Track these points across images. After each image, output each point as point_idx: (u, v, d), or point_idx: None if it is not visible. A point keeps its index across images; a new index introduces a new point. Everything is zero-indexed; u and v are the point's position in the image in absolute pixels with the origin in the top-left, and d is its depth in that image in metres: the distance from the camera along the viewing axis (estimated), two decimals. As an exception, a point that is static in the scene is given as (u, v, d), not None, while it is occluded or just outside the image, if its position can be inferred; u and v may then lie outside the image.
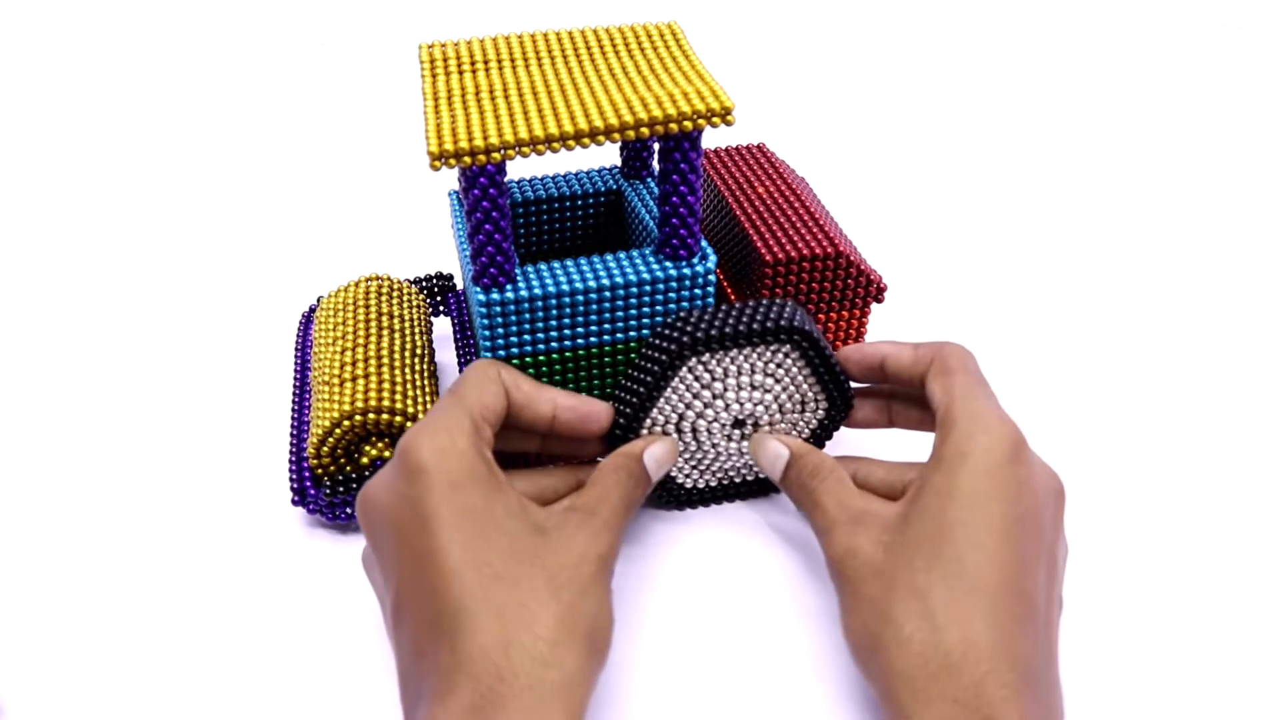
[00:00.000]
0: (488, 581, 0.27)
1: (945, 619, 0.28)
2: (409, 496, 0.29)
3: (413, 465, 0.29)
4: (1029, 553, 0.29)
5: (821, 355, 0.36)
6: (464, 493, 0.29)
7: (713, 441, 0.38)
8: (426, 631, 0.27)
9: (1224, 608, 0.36)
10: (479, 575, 0.27)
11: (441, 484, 0.29)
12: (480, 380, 0.33)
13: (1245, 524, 0.40)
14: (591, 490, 0.33)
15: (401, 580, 0.29)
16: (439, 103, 0.35)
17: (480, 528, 0.28)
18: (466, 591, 0.27)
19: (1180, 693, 0.33)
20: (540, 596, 0.27)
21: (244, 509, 0.41)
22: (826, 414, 0.38)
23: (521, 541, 0.29)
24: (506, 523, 0.29)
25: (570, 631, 0.27)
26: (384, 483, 0.30)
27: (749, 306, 0.36)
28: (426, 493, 0.28)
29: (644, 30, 0.39)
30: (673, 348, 0.35)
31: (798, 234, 0.40)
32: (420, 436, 0.29)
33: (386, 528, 0.29)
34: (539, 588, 0.28)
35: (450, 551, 0.28)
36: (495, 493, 0.29)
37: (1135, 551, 0.39)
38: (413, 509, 0.29)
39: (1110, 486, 0.42)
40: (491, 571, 0.28)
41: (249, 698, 0.34)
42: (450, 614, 0.27)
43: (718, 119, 0.34)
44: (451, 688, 0.26)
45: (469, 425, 0.30)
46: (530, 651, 0.26)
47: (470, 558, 0.28)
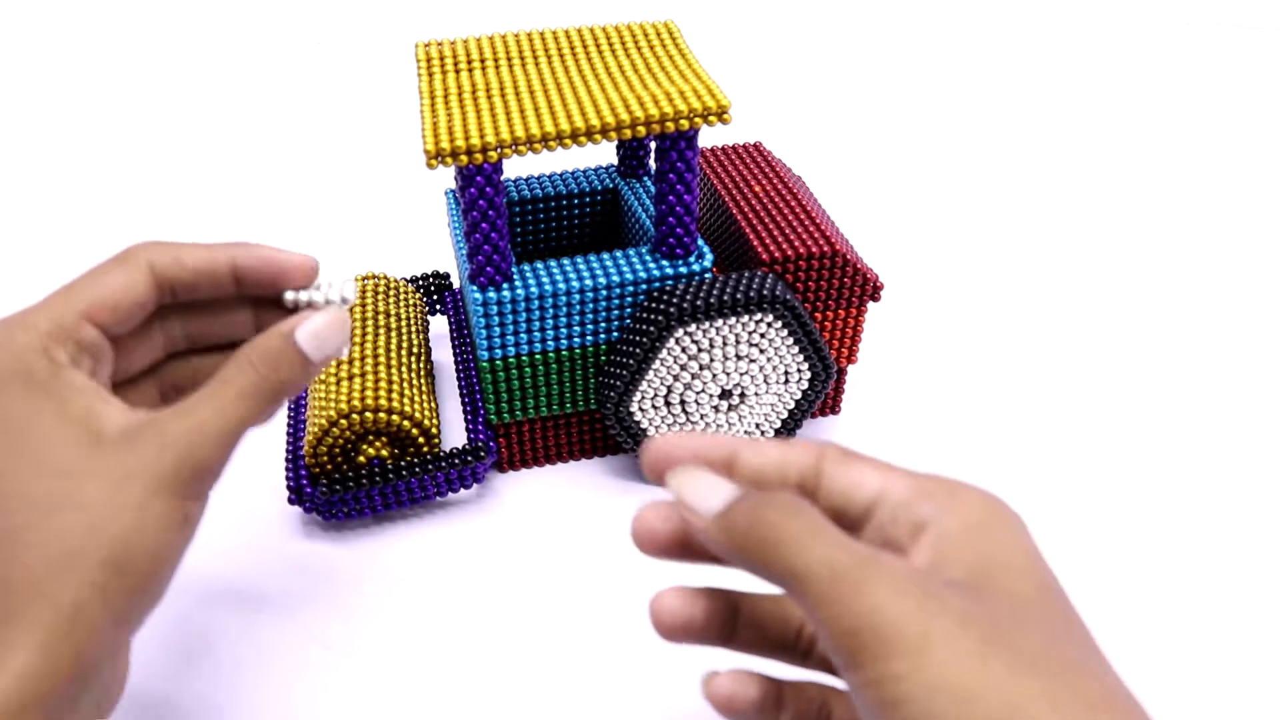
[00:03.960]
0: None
1: None
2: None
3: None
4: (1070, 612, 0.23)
5: (803, 326, 0.38)
6: (5, 397, 0.26)
7: (701, 413, 0.39)
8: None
9: (1225, 608, 0.36)
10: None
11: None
12: (100, 270, 0.28)
13: (1245, 523, 0.40)
14: (207, 385, 0.28)
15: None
16: (436, 101, 0.35)
17: (14, 437, 0.25)
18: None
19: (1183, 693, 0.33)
20: (51, 517, 0.24)
21: (241, 508, 0.41)
22: (810, 385, 0.40)
23: (60, 454, 0.25)
24: (51, 432, 0.26)
25: (74, 556, 0.24)
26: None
27: (732, 278, 0.37)
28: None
29: (640, 29, 0.39)
30: (660, 319, 0.36)
31: (794, 233, 0.40)
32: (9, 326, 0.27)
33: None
34: (53, 509, 0.25)
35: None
36: (48, 398, 0.26)
37: (1134, 550, 0.39)
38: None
39: (1109, 485, 0.42)
40: (6, 487, 0.25)
41: (246, 697, 0.34)
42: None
43: (714, 118, 0.34)
44: None
45: (45, 323, 0.27)
46: (15, 580, 0.24)
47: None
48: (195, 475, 0.26)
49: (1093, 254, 0.58)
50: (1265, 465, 0.43)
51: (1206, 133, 0.73)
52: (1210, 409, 0.46)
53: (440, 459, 0.38)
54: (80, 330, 0.27)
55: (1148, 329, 0.51)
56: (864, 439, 0.44)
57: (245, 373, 0.28)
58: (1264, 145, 0.71)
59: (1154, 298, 0.54)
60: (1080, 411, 0.46)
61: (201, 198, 0.65)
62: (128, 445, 0.26)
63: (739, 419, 0.40)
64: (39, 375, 0.26)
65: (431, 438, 0.39)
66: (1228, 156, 0.69)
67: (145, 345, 0.30)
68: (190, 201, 0.65)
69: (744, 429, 0.40)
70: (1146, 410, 0.46)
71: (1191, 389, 0.47)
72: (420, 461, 0.38)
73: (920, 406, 0.46)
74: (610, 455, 0.43)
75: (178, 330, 0.31)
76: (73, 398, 0.26)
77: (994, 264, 0.57)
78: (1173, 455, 0.43)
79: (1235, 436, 0.44)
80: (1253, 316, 0.52)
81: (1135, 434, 0.44)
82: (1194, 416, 0.45)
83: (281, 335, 0.28)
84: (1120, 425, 0.45)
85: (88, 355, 0.28)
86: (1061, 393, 0.47)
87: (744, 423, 0.40)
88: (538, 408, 0.40)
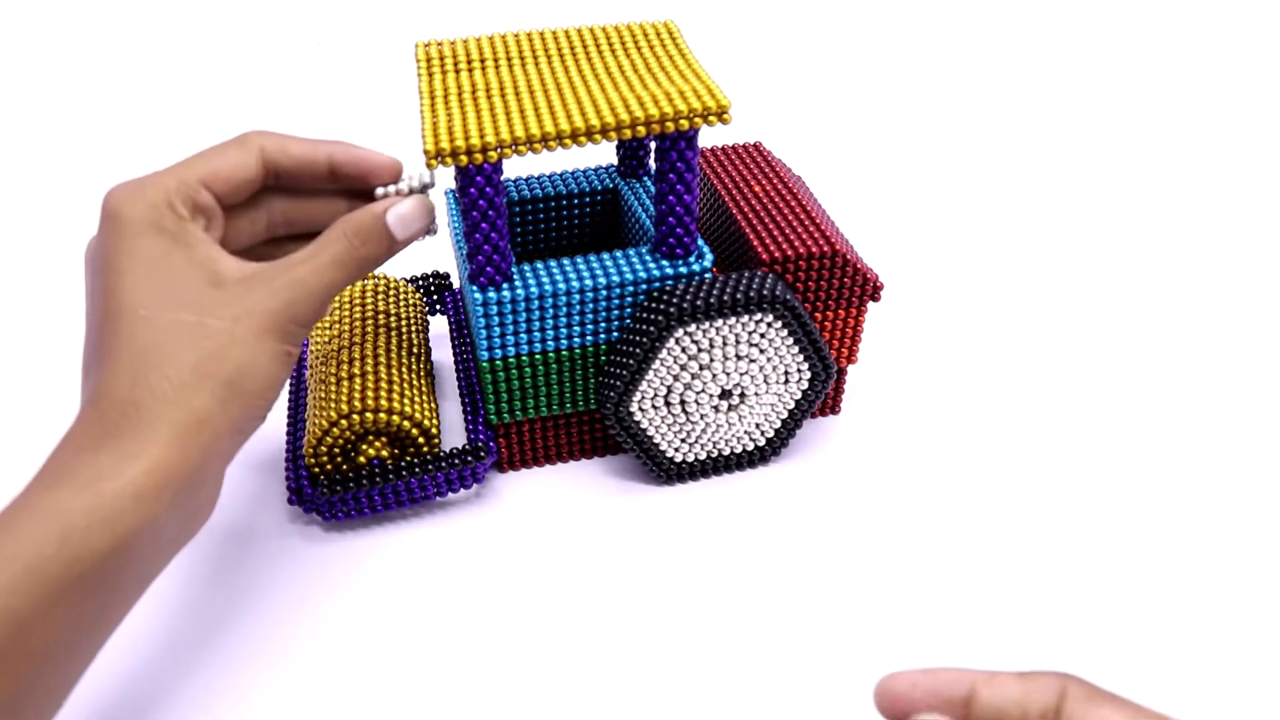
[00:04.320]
0: (138, 323, 0.29)
1: None
2: (99, 241, 0.31)
3: (104, 212, 0.31)
4: None
5: (803, 326, 0.38)
6: (143, 240, 0.30)
7: (701, 413, 0.39)
8: (85, 365, 0.30)
9: (1226, 609, 0.36)
10: (131, 317, 0.29)
11: (123, 230, 0.30)
12: (219, 147, 0.33)
13: (1248, 528, 0.40)
14: (307, 247, 0.32)
15: (87, 318, 0.31)
16: (436, 101, 0.35)
17: (152, 273, 0.30)
18: (116, 330, 0.29)
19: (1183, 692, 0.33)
20: (183, 341, 0.29)
21: (241, 508, 0.41)
22: (810, 385, 0.40)
23: (190, 291, 0.30)
24: (182, 271, 0.30)
25: (203, 376, 0.29)
26: (96, 232, 0.32)
27: (732, 278, 0.37)
28: (109, 237, 0.30)
29: (640, 29, 0.39)
30: (660, 319, 0.36)
31: (794, 233, 0.40)
32: (117, 188, 0.31)
33: (86, 270, 0.32)
34: (184, 334, 0.29)
35: (114, 293, 0.30)
36: (177, 243, 0.30)
37: (1134, 550, 0.39)
38: (99, 252, 0.31)
39: (1109, 486, 0.42)
40: (145, 314, 0.29)
41: (245, 697, 0.34)
42: (99, 349, 0.29)
43: (714, 118, 0.34)
44: (82, 416, 0.28)
45: (172, 182, 0.31)
46: (155, 389, 0.28)
47: (129, 300, 0.29)
48: (294, 321, 0.31)
49: (1093, 254, 0.58)
50: (1267, 466, 0.43)
51: (1206, 133, 0.73)
52: (1211, 408, 0.46)
53: (440, 459, 0.38)
54: (199, 193, 0.32)
55: (1148, 328, 0.51)
56: (864, 439, 0.44)
57: (339, 242, 0.32)
58: (1264, 145, 0.71)
59: (1154, 297, 0.54)
60: (1081, 411, 0.46)
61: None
62: (243, 289, 0.30)
63: (739, 419, 0.40)
64: (167, 224, 0.31)
65: (431, 438, 0.39)
66: (1228, 156, 0.69)
67: (249, 222, 0.35)
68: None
69: (744, 429, 0.40)
70: (1147, 410, 0.46)
71: (1192, 387, 0.47)
72: (420, 461, 0.38)
73: (920, 406, 0.46)
74: (610, 455, 0.43)
75: (279, 213, 0.35)
76: (197, 245, 0.31)
77: (994, 264, 0.57)
78: (1173, 452, 0.43)
79: (1236, 438, 0.44)
80: (1253, 316, 0.52)
81: (1135, 434, 0.44)
82: (1195, 414, 0.45)
83: (373, 214, 0.33)
84: (1120, 425, 0.45)
85: (203, 215, 0.32)
86: (1062, 393, 0.47)
87: (744, 422, 0.40)
88: (538, 408, 0.40)
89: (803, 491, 0.41)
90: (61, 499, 0.26)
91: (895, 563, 0.38)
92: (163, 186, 0.31)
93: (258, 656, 0.35)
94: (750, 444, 0.41)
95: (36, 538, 0.25)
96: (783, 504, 0.41)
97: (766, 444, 0.41)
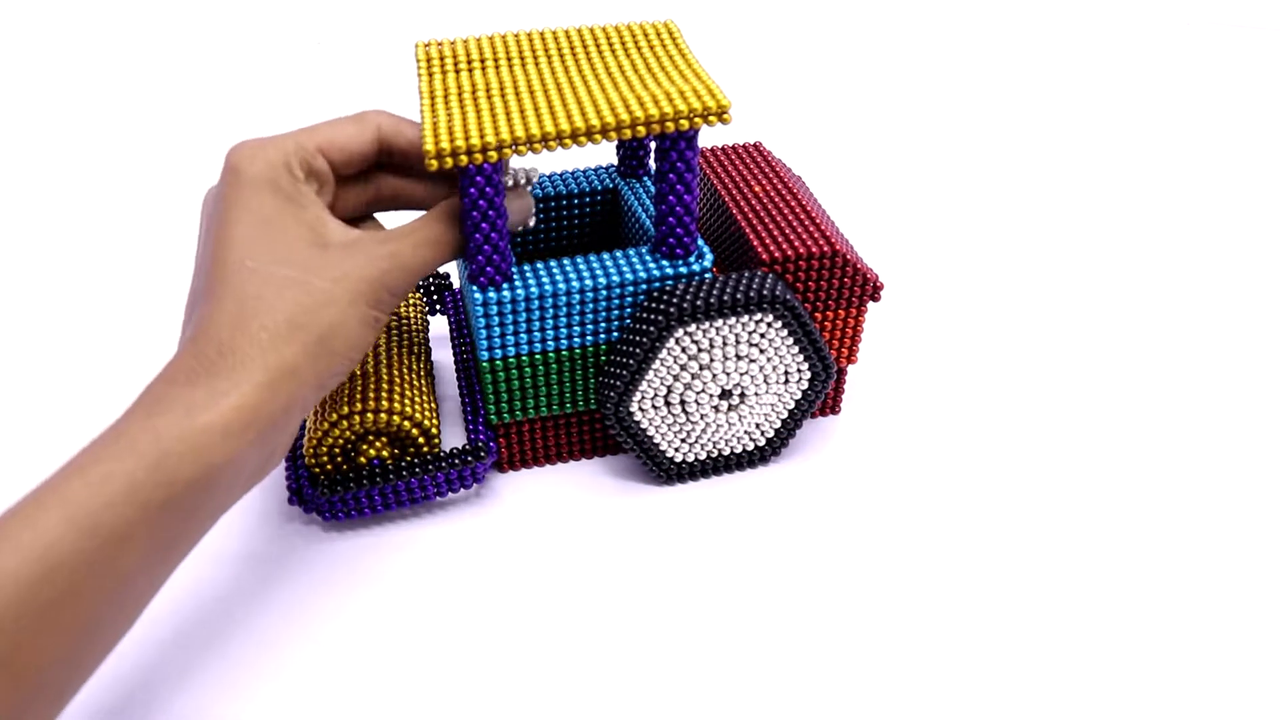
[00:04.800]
0: (245, 273, 0.31)
1: None
2: (217, 192, 0.33)
3: (226, 166, 0.33)
4: None
5: (803, 326, 0.38)
6: (258, 196, 0.32)
7: (701, 413, 0.39)
8: (189, 304, 0.32)
9: (1226, 609, 0.36)
10: (239, 267, 0.31)
11: (240, 185, 0.32)
12: (339, 120, 0.35)
13: (1249, 527, 0.40)
14: (410, 224, 0.35)
15: (196, 261, 0.33)
16: (436, 101, 0.35)
17: (262, 228, 0.32)
18: (223, 278, 0.31)
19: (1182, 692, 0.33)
20: (284, 295, 0.31)
21: (241, 508, 0.41)
22: (810, 385, 0.40)
23: (295, 249, 0.32)
24: (290, 230, 0.32)
25: (297, 329, 0.31)
26: (216, 183, 0.34)
27: (732, 278, 0.37)
28: (227, 190, 0.32)
29: (640, 29, 0.39)
30: (660, 319, 0.36)
31: (794, 233, 0.40)
32: (241, 145, 0.33)
33: (202, 217, 0.34)
34: (285, 289, 0.31)
35: (225, 243, 0.32)
36: (290, 203, 0.33)
37: (1134, 550, 0.39)
38: (216, 202, 0.33)
39: (1109, 486, 0.42)
40: (253, 266, 0.31)
41: (245, 697, 0.34)
42: (204, 292, 0.31)
43: (714, 118, 0.34)
44: (182, 353, 0.30)
45: (291, 145, 0.33)
46: (253, 336, 0.30)
47: (240, 251, 0.31)
48: (386, 291, 0.33)
49: (1093, 254, 0.58)
50: (1268, 465, 0.43)
51: (1206, 133, 0.73)
52: (1212, 407, 0.46)
53: (440, 459, 0.38)
54: (315, 159, 0.34)
55: (1148, 328, 0.51)
56: (864, 439, 0.44)
57: (439, 224, 0.34)
58: (1264, 145, 0.71)
59: (1154, 297, 0.54)
60: (1081, 411, 0.46)
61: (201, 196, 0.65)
62: (345, 253, 0.32)
63: (739, 419, 0.40)
64: (283, 184, 0.33)
65: (431, 438, 0.39)
66: (1228, 156, 0.69)
67: (358, 193, 0.37)
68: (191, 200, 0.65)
69: (744, 429, 0.40)
70: (1147, 409, 0.46)
71: (1193, 386, 0.47)
72: (420, 461, 0.38)
73: (920, 406, 0.46)
74: (610, 455, 0.43)
75: (387, 189, 0.38)
76: (307, 206, 0.33)
77: (994, 264, 0.57)
78: (1174, 451, 0.43)
79: (1237, 438, 0.44)
80: (1254, 316, 0.52)
81: (1135, 433, 0.44)
82: (1195, 413, 0.45)
83: None
84: (1121, 425, 0.45)
85: (316, 180, 0.34)
86: (1062, 393, 0.47)
87: (744, 422, 0.40)
88: (538, 408, 0.40)
89: (803, 491, 0.41)
90: (158, 425, 0.28)
91: (895, 563, 0.38)
92: (282, 148, 0.33)
93: (257, 656, 0.35)
94: (750, 444, 0.41)
95: (133, 461, 0.27)
96: (783, 504, 0.41)
97: (766, 444, 0.41)
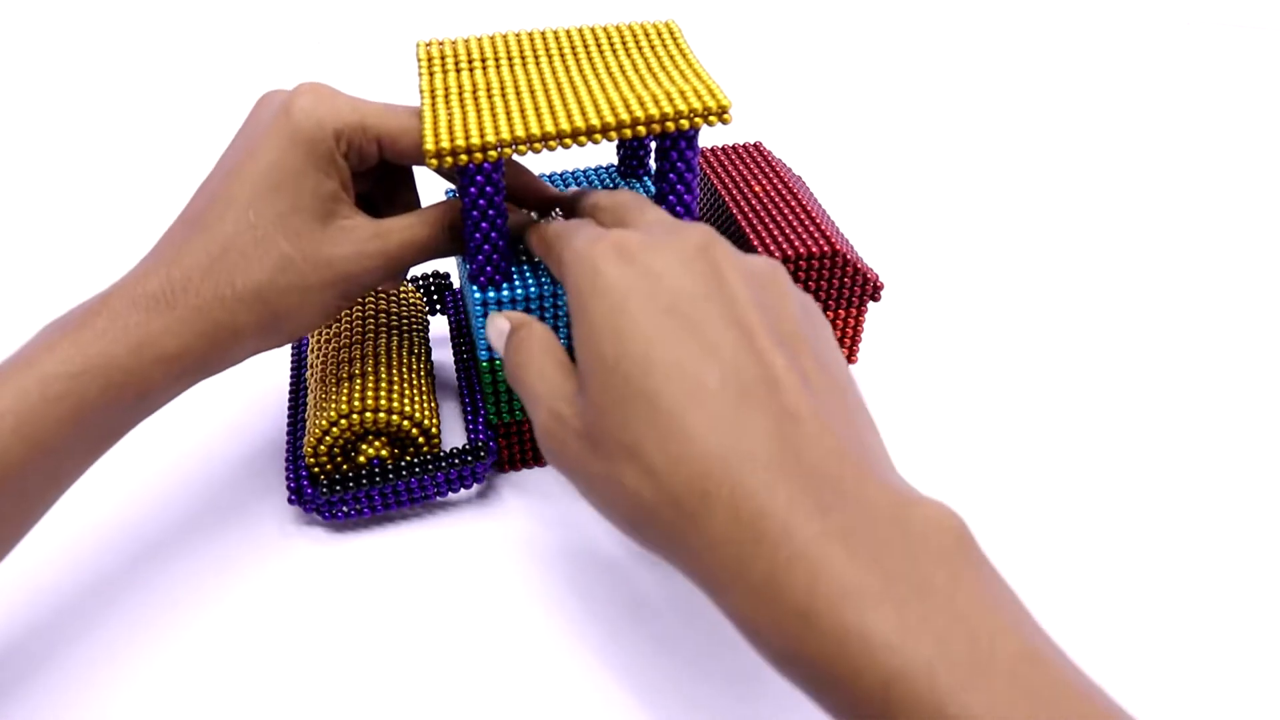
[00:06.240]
0: (243, 224, 0.32)
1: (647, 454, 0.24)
2: (264, 121, 0.33)
3: (284, 104, 0.33)
4: (670, 341, 0.25)
5: None
6: (295, 150, 0.32)
7: None
8: (178, 220, 0.33)
9: (1227, 609, 0.36)
10: (239, 213, 0.32)
11: (284, 132, 0.32)
12: (395, 107, 0.35)
13: (1243, 525, 0.40)
14: (404, 218, 0.35)
15: (217, 163, 0.34)
16: (436, 100, 0.35)
17: (280, 182, 0.32)
18: (221, 214, 0.32)
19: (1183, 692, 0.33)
20: (264, 265, 0.32)
21: (241, 508, 0.41)
22: None
23: (300, 218, 0.32)
24: (305, 195, 0.32)
25: (261, 301, 0.32)
26: (272, 99, 0.34)
27: None
28: (272, 130, 0.33)
29: (641, 29, 0.39)
30: None
31: (794, 232, 0.40)
32: (307, 92, 0.33)
33: (249, 119, 0.34)
34: (269, 258, 0.32)
35: (242, 177, 0.32)
36: (317, 170, 0.33)
37: (1134, 549, 0.39)
38: (254, 129, 0.33)
39: (1109, 485, 0.42)
40: (254, 220, 0.32)
41: (245, 697, 0.34)
42: (191, 221, 0.32)
43: (714, 118, 0.34)
44: (153, 267, 0.32)
45: (354, 119, 0.33)
46: (218, 289, 0.31)
47: (249, 193, 0.32)
48: (359, 285, 0.34)
49: (1093, 254, 0.58)
50: (1269, 465, 0.43)
51: (1206, 133, 0.73)
52: (1213, 407, 0.46)
53: (440, 459, 0.38)
54: (369, 145, 0.34)
55: (1148, 328, 0.51)
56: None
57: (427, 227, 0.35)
58: (1264, 145, 0.71)
59: (1155, 297, 0.54)
60: (1081, 411, 0.46)
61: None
62: (340, 237, 0.33)
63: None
64: (323, 150, 0.33)
65: (431, 438, 0.39)
66: (1228, 157, 0.69)
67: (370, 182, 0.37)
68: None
69: None
70: (1147, 409, 0.46)
71: (1193, 387, 0.47)
72: (420, 461, 0.38)
73: (920, 406, 0.46)
74: (610, 455, 0.43)
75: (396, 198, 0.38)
76: (331, 177, 0.33)
77: (994, 264, 0.57)
78: (1174, 451, 0.43)
79: (1237, 438, 0.44)
80: (1254, 316, 0.52)
81: (1136, 433, 0.44)
82: (1196, 414, 0.45)
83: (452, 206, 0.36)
84: (1121, 425, 0.45)
85: (354, 158, 0.34)
86: (1062, 393, 0.47)
87: None
88: (538, 408, 0.40)
89: (803, 491, 0.41)
90: (112, 351, 0.30)
91: (895, 563, 0.38)
92: (343, 118, 0.33)
93: (257, 656, 0.35)
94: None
95: (86, 380, 0.30)
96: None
97: (767, 444, 0.41)
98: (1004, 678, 0.19)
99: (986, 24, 0.93)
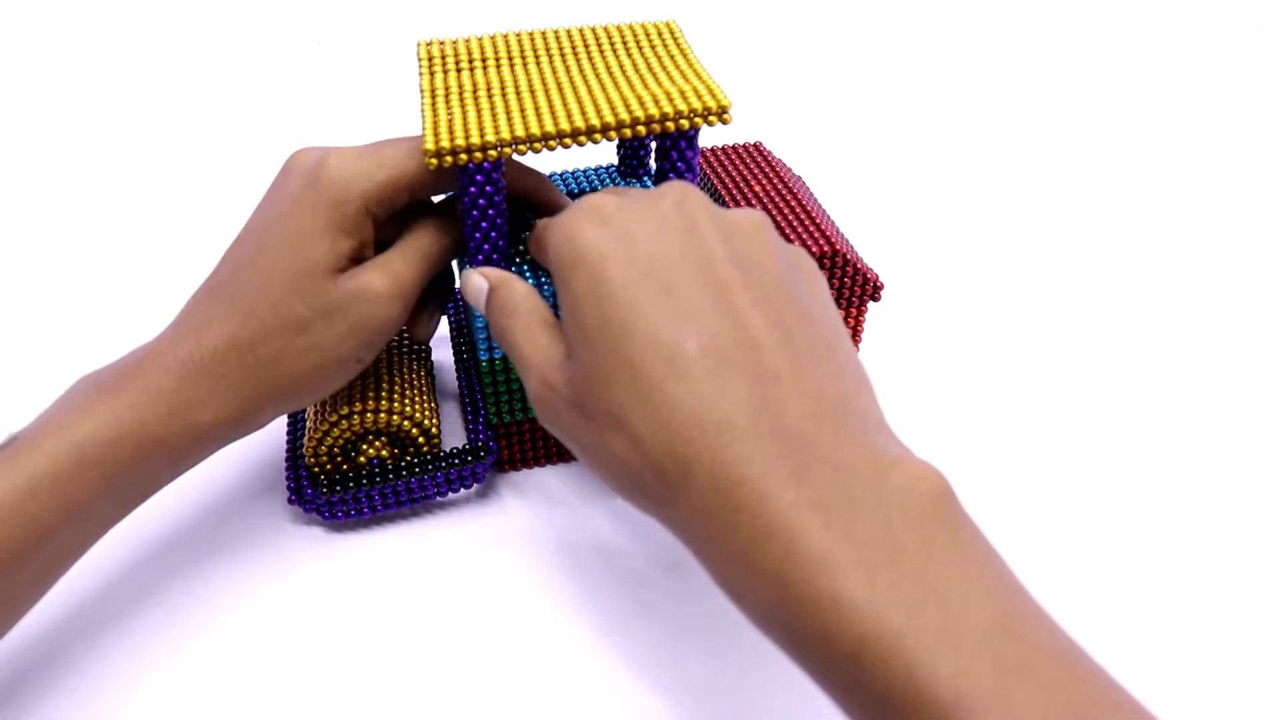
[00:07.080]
0: (264, 298, 0.32)
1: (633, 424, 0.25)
2: (291, 191, 0.33)
3: (317, 176, 0.33)
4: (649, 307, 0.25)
5: None
6: (318, 220, 0.32)
7: None
8: (207, 284, 0.34)
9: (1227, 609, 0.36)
10: (262, 281, 0.33)
11: (311, 200, 0.33)
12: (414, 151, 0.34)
13: (1249, 524, 0.40)
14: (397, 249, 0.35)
15: (242, 229, 0.35)
16: (436, 100, 0.35)
17: (299, 249, 0.32)
18: (242, 284, 0.33)
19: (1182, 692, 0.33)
20: (283, 337, 0.32)
21: (241, 508, 0.41)
22: None
23: (312, 278, 0.32)
24: (319, 254, 0.32)
25: (270, 381, 0.33)
26: (301, 163, 0.34)
27: None
28: (298, 199, 0.33)
29: (642, 29, 0.39)
30: None
31: (794, 232, 0.40)
32: (338, 162, 0.33)
33: (273, 189, 0.35)
34: (287, 332, 0.32)
35: (265, 250, 0.33)
36: (336, 230, 0.33)
37: (1134, 549, 0.39)
38: (281, 196, 0.34)
39: (1109, 485, 0.42)
40: (274, 302, 0.32)
41: (245, 697, 0.34)
42: (217, 289, 0.33)
43: (715, 117, 0.34)
44: (176, 333, 0.33)
45: (383, 178, 0.33)
46: (243, 359, 0.32)
47: (268, 265, 0.33)
48: (382, 337, 0.34)
49: (1093, 254, 0.58)
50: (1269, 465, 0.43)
51: (1206, 133, 0.73)
52: (1213, 406, 0.46)
53: (440, 459, 0.38)
54: (399, 198, 0.34)
55: (1149, 328, 0.51)
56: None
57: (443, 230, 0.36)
58: (1264, 145, 0.71)
59: (1155, 297, 0.54)
60: (1081, 411, 0.46)
61: (201, 198, 0.65)
62: (350, 301, 0.33)
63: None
64: (348, 212, 0.33)
65: (431, 438, 0.39)
66: (1227, 157, 0.69)
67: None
68: (191, 201, 0.65)
69: None
70: (1147, 409, 0.46)
71: (1193, 387, 0.47)
72: (420, 461, 0.38)
73: (920, 406, 0.46)
74: (610, 455, 0.43)
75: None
76: (348, 237, 0.33)
77: (995, 264, 0.57)
78: (1174, 451, 0.43)
79: (1237, 436, 0.44)
80: (1254, 316, 0.52)
81: (1136, 433, 0.44)
82: (1196, 414, 0.45)
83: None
84: (1121, 424, 0.45)
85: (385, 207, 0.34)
86: (1063, 392, 0.47)
87: None
88: (538, 408, 0.40)
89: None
90: (149, 418, 0.31)
91: (895, 563, 0.38)
92: (372, 180, 0.33)
93: (257, 656, 0.35)
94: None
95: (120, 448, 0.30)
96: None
97: (767, 444, 0.41)
98: (974, 641, 0.20)
99: (986, 24, 0.93)
